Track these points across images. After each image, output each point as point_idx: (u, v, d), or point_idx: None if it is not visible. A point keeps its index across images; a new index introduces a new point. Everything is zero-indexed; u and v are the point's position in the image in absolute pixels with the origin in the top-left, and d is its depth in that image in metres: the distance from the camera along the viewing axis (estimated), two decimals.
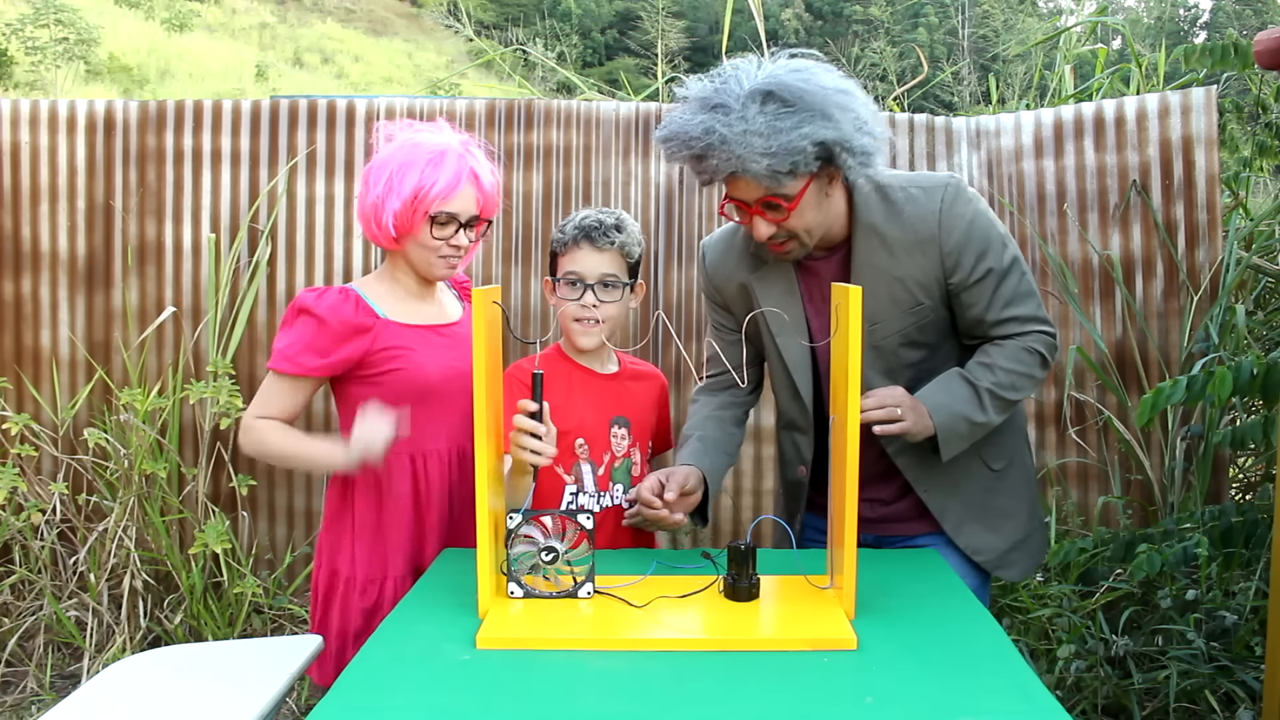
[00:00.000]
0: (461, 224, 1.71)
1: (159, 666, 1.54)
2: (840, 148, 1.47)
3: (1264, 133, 3.42)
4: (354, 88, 27.50)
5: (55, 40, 20.34)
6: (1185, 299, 3.07)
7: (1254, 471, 3.28)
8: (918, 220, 1.60)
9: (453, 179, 1.67)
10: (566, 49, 15.82)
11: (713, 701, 1.11)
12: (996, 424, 1.63)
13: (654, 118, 3.39)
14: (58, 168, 3.36)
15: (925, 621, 1.34)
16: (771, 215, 1.54)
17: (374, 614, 1.70)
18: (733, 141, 1.43)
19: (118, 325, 3.35)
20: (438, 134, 1.72)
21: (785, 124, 1.43)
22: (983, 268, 1.61)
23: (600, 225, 1.75)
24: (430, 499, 1.74)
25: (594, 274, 1.74)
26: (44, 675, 2.98)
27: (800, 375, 1.71)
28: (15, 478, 3.00)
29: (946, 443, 1.58)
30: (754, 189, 1.51)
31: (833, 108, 1.45)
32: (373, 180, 1.70)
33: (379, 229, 1.70)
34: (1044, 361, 1.64)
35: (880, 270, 1.62)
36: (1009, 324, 1.63)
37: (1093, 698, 2.48)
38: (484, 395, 1.33)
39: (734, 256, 1.77)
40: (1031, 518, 1.79)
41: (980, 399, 1.59)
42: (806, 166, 1.47)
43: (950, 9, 30.24)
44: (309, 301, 1.69)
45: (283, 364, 1.69)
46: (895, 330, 1.64)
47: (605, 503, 1.77)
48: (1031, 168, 3.29)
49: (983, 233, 1.61)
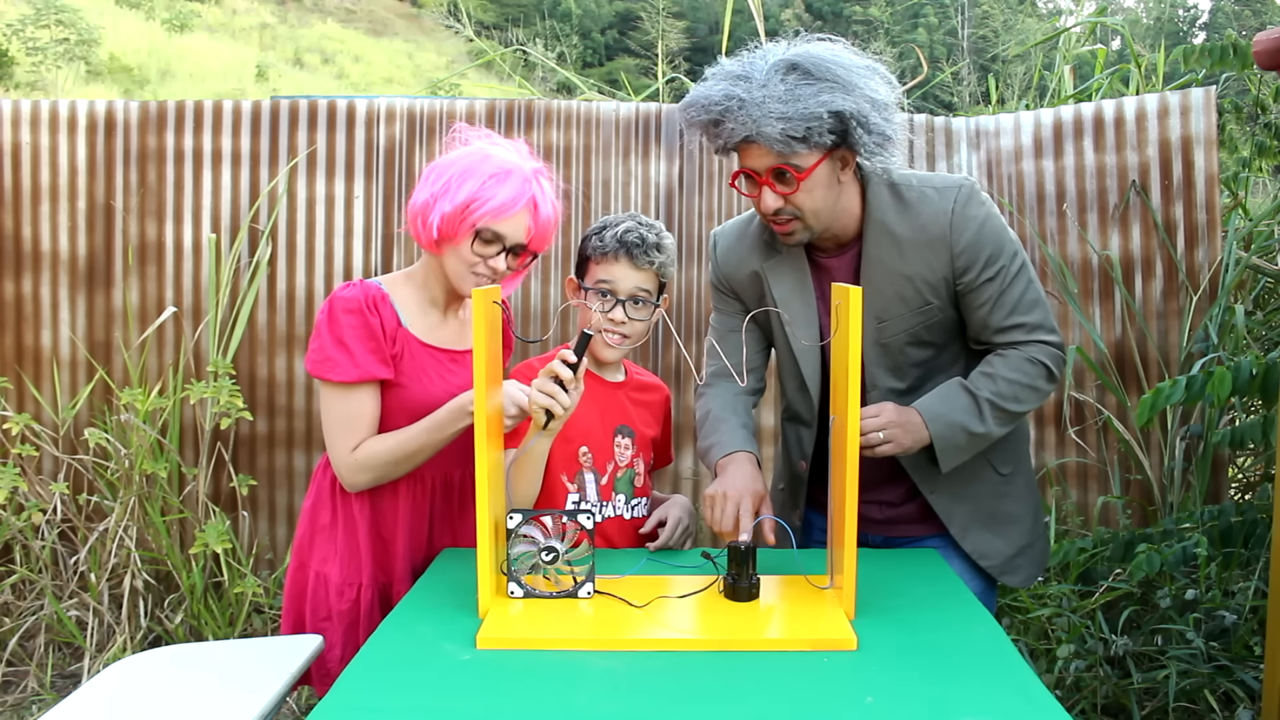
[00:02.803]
0: (506, 248, 1.64)
1: (159, 666, 1.54)
2: (856, 121, 1.47)
3: (1263, 133, 3.42)
4: (354, 88, 27.50)
5: (56, 41, 20.36)
6: (1185, 299, 3.08)
7: (1253, 471, 3.28)
8: (930, 219, 1.60)
9: (510, 200, 1.60)
10: (566, 49, 15.83)
11: (713, 701, 1.11)
12: (998, 436, 1.62)
13: (654, 118, 3.39)
14: (58, 168, 3.36)
15: (925, 622, 1.34)
16: (781, 187, 1.53)
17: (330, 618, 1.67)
18: (751, 105, 1.45)
19: (118, 325, 3.35)
20: (511, 153, 1.66)
21: (805, 92, 1.45)
22: (991, 271, 1.60)
23: (643, 243, 1.71)
24: (398, 525, 1.69)
25: (627, 290, 1.71)
26: (44, 675, 2.98)
27: (809, 368, 1.70)
28: (16, 478, 3.00)
29: (944, 453, 1.58)
30: (766, 156, 1.51)
31: (854, 83, 1.47)
32: (432, 178, 1.64)
33: (423, 227, 1.64)
34: (1049, 374, 1.62)
35: (890, 268, 1.62)
36: (1014, 331, 1.62)
37: (1092, 697, 2.48)
38: (484, 395, 1.33)
39: (748, 244, 1.75)
40: (1036, 523, 1.78)
41: (980, 409, 1.58)
42: (821, 137, 1.47)
43: (950, 9, 30.22)
44: (353, 300, 1.61)
45: (349, 373, 1.59)
46: (903, 329, 1.64)
47: (608, 513, 1.77)
48: (1031, 168, 3.29)
49: (994, 236, 1.61)
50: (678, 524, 1.76)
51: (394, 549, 1.70)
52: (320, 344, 1.62)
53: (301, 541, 1.73)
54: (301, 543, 1.73)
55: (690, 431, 3.35)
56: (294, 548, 1.75)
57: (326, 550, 1.69)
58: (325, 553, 1.69)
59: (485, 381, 1.33)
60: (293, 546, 1.76)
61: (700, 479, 3.36)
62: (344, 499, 1.69)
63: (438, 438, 1.60)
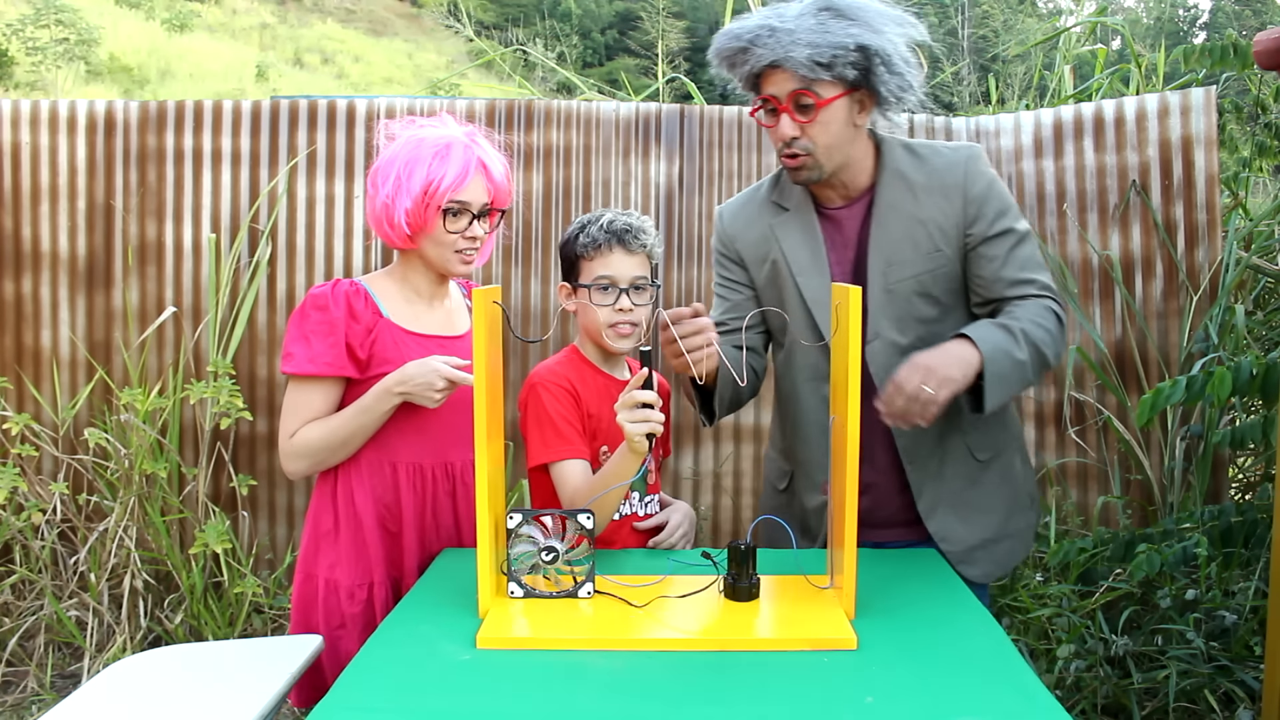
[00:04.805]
0: (475, 215, 1.69)
1: (159, 666, 1.53)
2: (880, 59, 1.55)
3: (1263, 133, 3.42)
4: (354, 88, 27.50)
5: (56, 41, 20.36)
6: (1185, 299, 3.08)
7: (1253, 471, 3.28)
8: (944, 169, 1.67)
9: (461, 169, 1.65)
10: (566, 49, 15.83)
11: (713, 701, 1.11)
12: (1032, 379, 1.58)
13: (654, 118, 3.40)
14: (58, 168, 3.36)
15: (925, 621, 1.34)
16: (800, 116, 1.58)
17: (345, 624, 1.67)
18: (782, 33, 1.53)
19: (118, 325, 3.35)
20: (441, 127, 1.70)
21: (835, 26, 1.53)
22: (1002, 224, 1.65)
23: (631, 228, 1.72)
24: (403, 515, 1.69)
25: (627, 278, 1.72)
26: (44, 675, 2.98)
27: (822, 315, 1.68)
28: (16, 478, 3.00)
29: (992, 381, 1.49)
30: (790, 81, 1.56)
31: (883, 26, 1.56)
32: (380, 180, 1.67)
33: (392, 229, 1.67)
34: (1061, 328, 1.62)
35: (903, 212, 1.66)
36: (1027, 285, 1.64)
37: (1092, 697, 2.48)
38: (484, 396, 1.33)
39: (756, 205, 1.80)
40: (1007, 522, 1.76)
41: (1016, 338, 1.54)
42: (844, 69, 1.54)
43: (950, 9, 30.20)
44: (321, 296, 1.65)
45: (304, 365, 1.63)
46: (911, 274, 1.65)
47: (624, 510, 1.77)
48: (1031, 168, 3.29)
49: (1002, 195, 1.67)
50: (676, 528, 1.77)
51: (403, 541, 1.70)
52: (287, 337, 1.68)
53: (306, 551, 1.73)
54: (306, 553, 1.73)
55: (691, 431, 3.35)
56: (299, 560, 1.74)
57: (332, 556, 1.69)
58: (331, 559, 1.69)
59: (485, 381, 1.33)
60: (298, 559, 1.76)
61: (700, 479, 3.36)
62: (346, 501, 1.69)
63: (368, 420, 1.64)
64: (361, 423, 1.64)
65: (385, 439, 1.68)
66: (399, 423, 1.68)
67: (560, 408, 1.69)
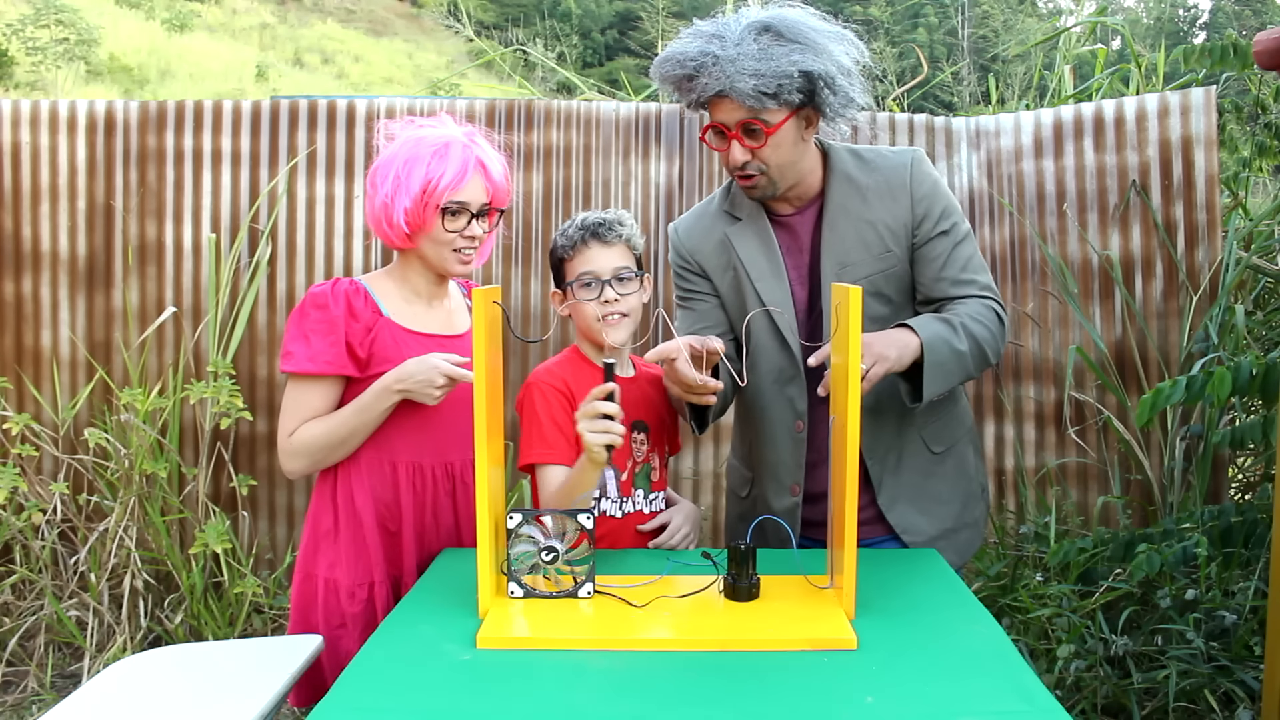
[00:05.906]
0: (474, 214, 1.70)
1: (159, 666, 1.53)
2: (823, 82, 1.57)
3: (1263, 133, 3.42)
4: (354, 88, 27.51)
5: (56, 41, 20.37)
6: (1185, 299, 3.08)
7: (1253, 471, 3.28)
8: (890, 172, 1.72)
9: (460, 169, 1.65)
10: (566, 49, 15.84)
11: (713, 701, 1.11)
12: (973, 370, 1.64)
13: (654, 118, 3.40)
14: (58, 168, 3.36)
15: (925, 621, 1.34)
16: (749, 141, 1.61)
17: (345, 624, 1.67)
18: (725, 62, 1.54)
19: (118, 325, 3.35)
20: (440, 127, 1.70)
21: (777, 52, 1.54)
22: (946, 223, 1.71)
23: (604, 221, 1.75)
24: (403, 514, 1.70)
25: (608, 269, 1.73)
26: (44, 675, 2.98)
27: (784, 319, 1.73)
28: (16, 478, 3.01)
29: (931, 370, 1.55)
30: (737, 111, 1.59)
31: (823, 46, 1.57)
32: (379, 180, 1.67)
33: (391, 228, 1.67)
34: (1001, 326, 1.69)
35: (853, 215, 1.71)
36: (968, 286, 1.70)
37: (1092, 697, 2.48)
38: (484, 396, 1.33)
39: (709, 218, 1.83)
40: (964, 512, 1.82)
41: (956, 329, 1.61)
42: (789, 95, 1.56)
43: (950, 9, 30.23)
44: (320, 295, 1.66)
45: (303, 364, 1.63)
46: (864, 275, 1.70)
47: (628, 508, 1.77)
48: (1031, 168, 3.29)
49: (946, 196, 1.73)
50: (677, 530, 1.78)
51: (403, 541, 1.70)
52: (286, 336, 1.68)
53: (306, 551, 1.73)
54: (306, 553, 1.73)
55: (691, 431, 3.35)
56: (298, 560, 1.75)
57: (332, 556, 1.69)
58: (331, 558, 1.69)
59: (485, 381, 1.33)
60: (297, 560, 1.76)
61: (700, 479, 3.36)
62: (346, 501, 1.69)
63: (367, 418, 1.64)
64: (361, 421, 1.64)
65: (385, 438, 1.68)
66: (399, 422, 1.68)
67: (550, 410, 1.69)
